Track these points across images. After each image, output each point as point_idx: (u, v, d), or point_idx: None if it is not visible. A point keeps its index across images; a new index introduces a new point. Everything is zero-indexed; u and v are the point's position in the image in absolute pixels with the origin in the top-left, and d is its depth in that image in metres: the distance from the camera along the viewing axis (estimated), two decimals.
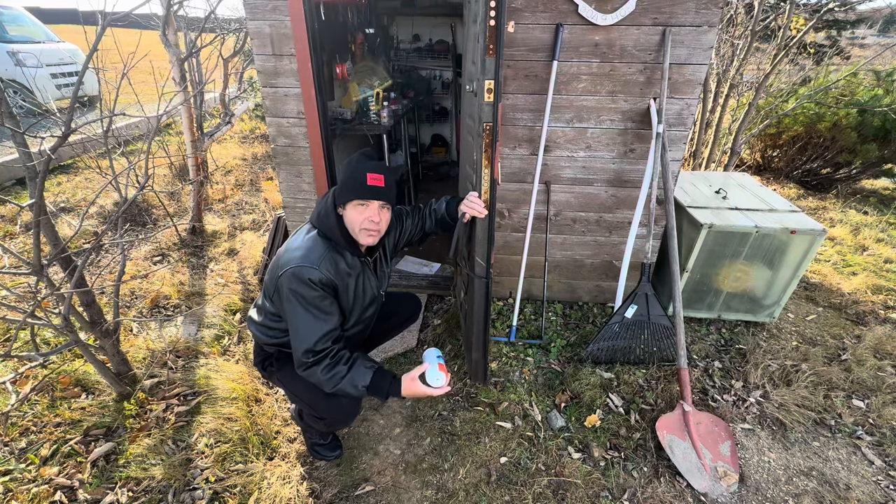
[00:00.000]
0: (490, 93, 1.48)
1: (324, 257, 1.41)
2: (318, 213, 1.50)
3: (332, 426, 1.76)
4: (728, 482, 1.81)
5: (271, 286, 1.48)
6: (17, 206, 2.12)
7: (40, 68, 6.42)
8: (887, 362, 2.46)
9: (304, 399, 1.65)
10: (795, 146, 5.05)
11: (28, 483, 1.73)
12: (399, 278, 3.02)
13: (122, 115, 1.79)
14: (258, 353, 1.72)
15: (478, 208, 1.62)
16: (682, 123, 2.24)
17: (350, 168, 1.44)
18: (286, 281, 1.38)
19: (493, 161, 1.57)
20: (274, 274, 1.44)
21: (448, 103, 4.99)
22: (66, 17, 5.76)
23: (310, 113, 2.35)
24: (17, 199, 4.10)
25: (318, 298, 1.40)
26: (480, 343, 1.99)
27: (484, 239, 1.71)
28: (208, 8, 3.39)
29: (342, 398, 1.59)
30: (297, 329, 1.40)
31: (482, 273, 1.79)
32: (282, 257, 1.45)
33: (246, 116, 7.38)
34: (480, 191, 1.64)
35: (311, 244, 1.44)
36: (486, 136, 1.54)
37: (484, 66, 1.45)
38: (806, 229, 2.33)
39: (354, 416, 1.70)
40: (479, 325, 1.91)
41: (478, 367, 2.10)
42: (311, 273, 1.37)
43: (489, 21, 1.37)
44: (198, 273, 3.15)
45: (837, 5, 4.16)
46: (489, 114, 1.51)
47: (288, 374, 1.65)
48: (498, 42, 1.41)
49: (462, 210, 1.68)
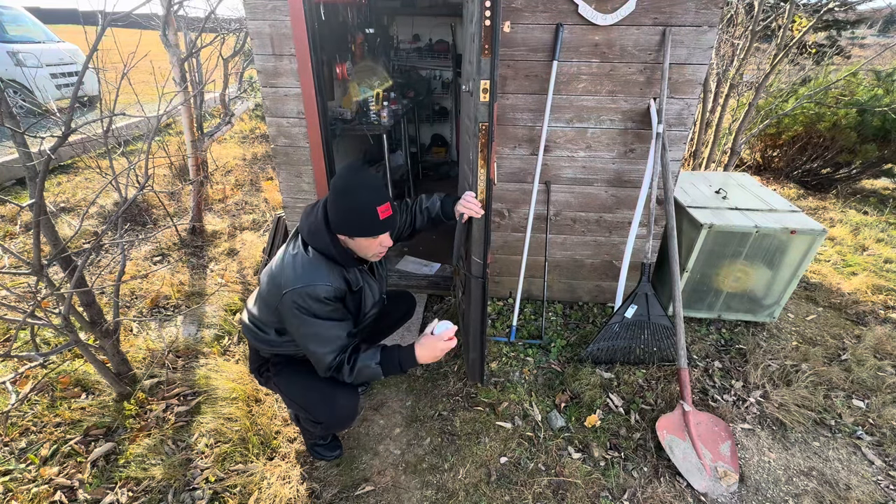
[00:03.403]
0: (486, 93, 1.48)
1: (330, 273, 1.39)
2: (308, 230, 1.42)
3: (329, 429, 1.76)
4: (728, 482, 1.81)
5: (273, 301, 1.42)
6: (17, 206, 2.12)
7: (40, 68, 6.42)
8: (887, 362, 2.46)
9: (300, 404, 1.64)
10: (795, 146, 5.05)
11: (28, 483, 1.73)
12: (399, 278, 3.02)
13: (122, 115, 1.79)
14: (254, 359, 1.71)
15: (474, 208, 1.62)
16: (682, 123, 2.24)
17: (353, 202, 1.35)
18: (294, 299, 1.35)
19: (490, 161, 1.57)
20: (276, 292, 1.39)
21: (448, 103, 4.99)
22: (66, 17, 5.76)
23: (310, 113, 2.35)
24: (17, 199, 4.10)
25: (332, 311, 1.41)
26: (478, 343, 1.99)
27: (480, 239, 1.71)
28: (208, 8, 3.39)
29: (339, 401, 1.58)
30: (317, 339, 1.40)
31: (479, 273, 1.79)
32: (282, 276, 1.39)
33: (246, 116, 7.39)
34: (477, 191, 1.64)
35: (313, 262, 1.39)
36: (482, 136, 1.54)
37: (479, 66, 1.45)
38: (806, 229, 2.33)
39: (352, 420, 1.68)
40: (476, 325, 1.91)
41: (475, 366, 2.10)
42: (323, 290, 1.36)
43: (484, 21, 1.37)
44: (198, 273, 3.15)
45: (837, 5, 4.16)
46: (485, 113, 1.51)
47: (284, 379, 1.64)
48: (493, 42, 1.40)
49: (459, 210, 1.68)
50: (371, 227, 1.38)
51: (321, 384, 1.61)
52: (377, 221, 1.37)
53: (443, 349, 1.43)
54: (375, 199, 1.36)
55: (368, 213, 1.35)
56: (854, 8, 5.14)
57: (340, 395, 1.60)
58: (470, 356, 2.09)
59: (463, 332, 2.24)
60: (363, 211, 1.36)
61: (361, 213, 1.36)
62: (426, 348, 1.43)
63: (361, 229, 1.39)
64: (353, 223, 1.38)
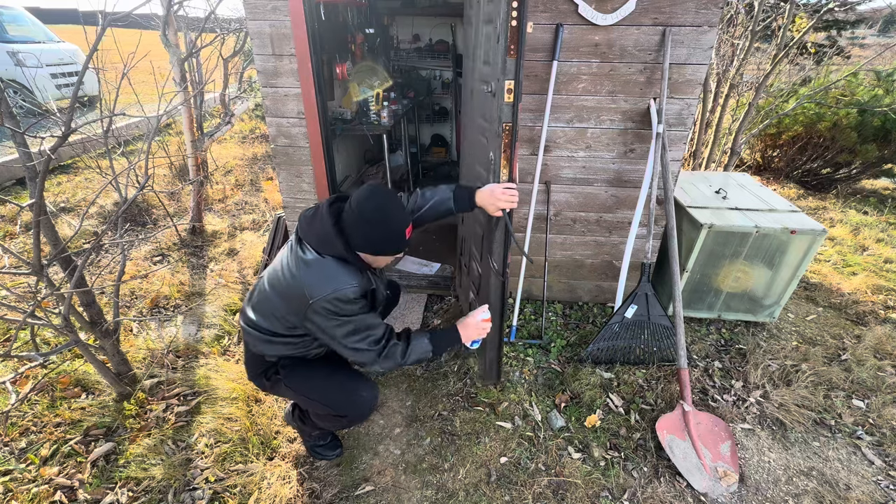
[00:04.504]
0: (510, 93, 1.49)
1: (351, 274, 1.39)
2: (318, 240, 1.40)
3: (353, 422, 1.79)
4: (728, 482, 1.81)
5: (298, 310, 1.40)
6: (17, 206, 2.12)
7: (40, 68, 6.42)
8: (887, 362, 2.46)
9: (320, 400, 1.62)
10: (795, 146, 5.05)
11: (28, 483, 1.73)
12: (399, 278, 3.02)
13: (122, 115, 1.79)
14: (257, 364, 1.64)
15: (514, 199, 1.57)
16: (682, 123, 2.24)
17: (385, 230, 1.38)
18: (324, 306, 1.35)
19: (512, 161, 1.59)
20: (300, 302, 1.37)
21: (448, 103, 4.98)
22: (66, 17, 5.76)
23: (310, 113, 2.35)
24: (17, 199, 4.10)
25: (362, 307, 1.42)
26: (495, 343, 1.99)
27: (501, 237, 1.72)
28: (208, 8, 3.39)
29: (362, 393, 1.61)
30: (358, 332, 1.40)
31: (499, 271, 1.79)
32: (304, 285, 1.36)
33: (246, 116, 7.39)
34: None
35: (333, 267, 1.38)
36: (505, 136, 1.55)
37: (505, 66, 1.45)
38: (806, 229, 2.33)
39: (373, 410, 1.69)
40: (495, 325, 1.91)
41: (491, 366, 2.10)
42: (351, 291, 1.36)
43: (511, 21, 1.38)
44: (198, 273, 3.15)
45: (837, 5, 4.16)
46: (509, 114, 1.53)
47: (298, 379, 1.61)
48: (519, 43, 1.42)
49: (499, 206, 1.58)
50: (398, 248, 1.44)
51: (340, 378, 1.63)
52: (403, 241, 1.42)
53: (483, 328, 1.59)
54: (404, 222, 1.40)
55: (397, 236, 1.40)
56: (854, 8, 5.14)
57: (362, 386, 1.63)
58: (487, 356, 2.09)
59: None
60: (392, 235, 1.40)
61: (390, 237, 1.40)
62: (468, 328, 1.58)
63: (387, 250, 1.44)
64: (381, 246, 1.42)
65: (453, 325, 1.59)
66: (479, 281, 2.14)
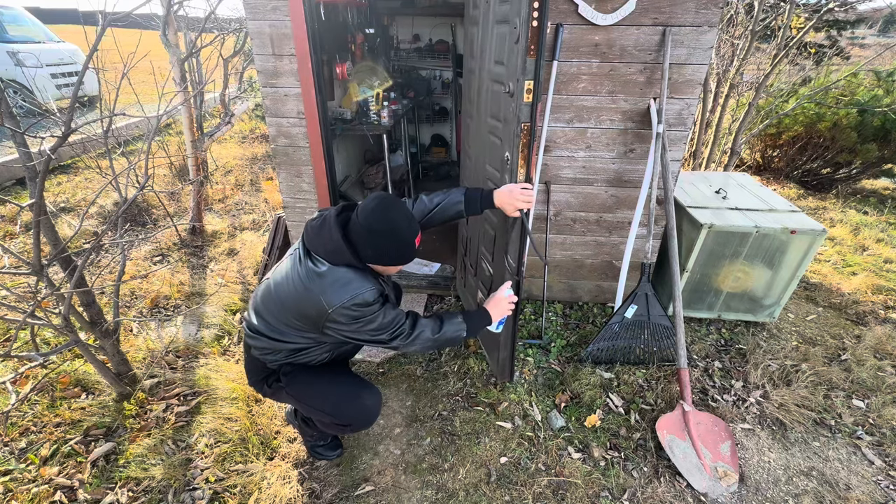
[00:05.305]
0: (529, 93, 1.49)
1: (366, 278, 1.39)
2: (327, 251, 1.37)
3: (356, 429, 1.75)
4: (728, 482, 1.81)
5: (316, 320, 1.39)
6: (17, 206, 2.12)
7: (40, 68, 6.42)
8: (887, 362, 2.46)
9: (322, 409, 1.59)
10: (795, 146, 5.05)
11: (28, 483, 1.73)
12: (399, 278, 3.02)
13: (122, 115, 1.79)
14: (258, 371, 1.62)
15: (532, 199, 1.61)
16: (682, 123, 2.24)
17: (396, 242, 1.37)
18: (345, 312, 1.34)
19: (530, 161, 1.60)
20: (318, 312, 1.36)
21: (448, 103, 4.98)
22: (66, 17, 5.76)
23: (310, 113, 2.35)
24: (17, 199, 4.10)
25: (382, 305, 1.42)
26: (508, 342, 2.01)
27: (517, 237, 1.72)
28: (208, 8, 3.39)
29: (365, 400, 1.59)
30: (383, 325, 1.41)
31: (514, 271, 1.80)
32: (321, 296, 1.34)
33: (246, 116, 7.39)
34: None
35: (347, 275, 1.37)
36: (523, 136, 1.56)
37: (524, 66, 1.45)
38: (806, 229, 2.33)
39: (377, 416, 1.66)
40: (508, 324, 1.91)
41: (504, 366, 2.11)
42: (369, 294, 1.36)
43: (532, 22, 1.38)
44: (198, 273, 3.15)
45: (837, 5, 4.16)
46: (527, 113, 1.53)
47: (300, 387, 1.59)
48: (540, 43, 1.42)
49: (517, 207, 1.60)
50: (409, 258, 1.44)
51: (342, 385, 1.61)
52: (412, 252, 1.42)
53: (509, 306, 1.66)
54: (413, 233, 1.39)
55: (407, 247, 1.40)
56: (854, 8, 5.14)
57: (365, 393, 1.61)
58: (500, 355, 2.10)
59: (488, 333, 2.22)
60: (402, 247, 1.39)
61: (400, 249, 1.40)
62: (498, 305, 1.64)
63: (398, 261, 1.44)
64: (390, 258, 1.42)
65: (481, 306, 1.63)
66: (490, 281, 2.15)
